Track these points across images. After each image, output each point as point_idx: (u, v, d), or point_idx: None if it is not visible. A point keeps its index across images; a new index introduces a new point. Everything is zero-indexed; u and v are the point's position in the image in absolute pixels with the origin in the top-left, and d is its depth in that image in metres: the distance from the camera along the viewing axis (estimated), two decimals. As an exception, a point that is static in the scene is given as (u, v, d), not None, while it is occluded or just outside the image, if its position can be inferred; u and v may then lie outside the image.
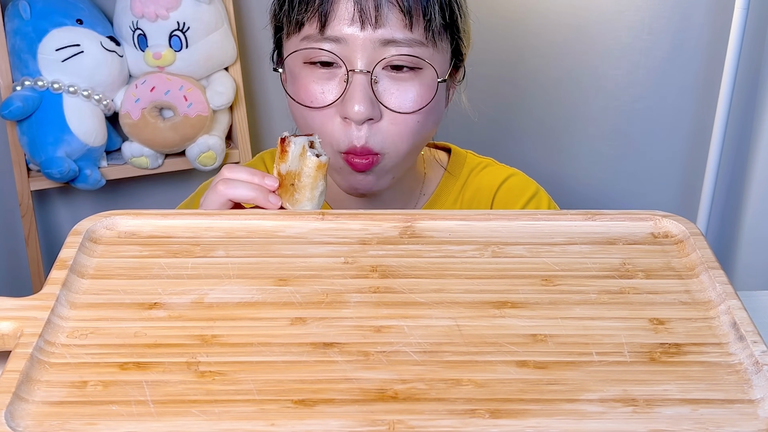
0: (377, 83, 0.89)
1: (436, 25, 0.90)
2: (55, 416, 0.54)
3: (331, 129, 0.91)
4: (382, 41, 0.88)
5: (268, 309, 0.64)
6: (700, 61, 1.75)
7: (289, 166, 0.80)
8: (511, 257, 0.71)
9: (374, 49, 0.89)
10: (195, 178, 1.90)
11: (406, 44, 0.89)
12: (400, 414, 0.55)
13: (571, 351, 0.60)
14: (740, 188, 1.78)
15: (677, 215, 0.75)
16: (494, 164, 1.08)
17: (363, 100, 0.88)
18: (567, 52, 1.81)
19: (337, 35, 0.89)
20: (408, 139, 0.91)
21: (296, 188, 0.79)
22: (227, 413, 0.54)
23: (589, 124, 1.86)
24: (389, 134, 0.90)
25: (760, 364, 0.58)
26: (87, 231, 0.72)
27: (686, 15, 1.72)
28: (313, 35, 0.90)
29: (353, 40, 0.88)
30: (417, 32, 0.89)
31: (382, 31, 0.88)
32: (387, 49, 0.89)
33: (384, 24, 0.88)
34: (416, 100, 0.90)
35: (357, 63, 0.89)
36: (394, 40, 0.88)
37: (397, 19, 0.88)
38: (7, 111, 1.60)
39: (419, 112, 0.91)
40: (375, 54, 0.89)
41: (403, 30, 0.88)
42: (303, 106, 0.91)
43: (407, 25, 0.88)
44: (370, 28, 0.88)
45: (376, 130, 0.90)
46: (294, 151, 0.80)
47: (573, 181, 1.91)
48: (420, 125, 0.91)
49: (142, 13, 1.65)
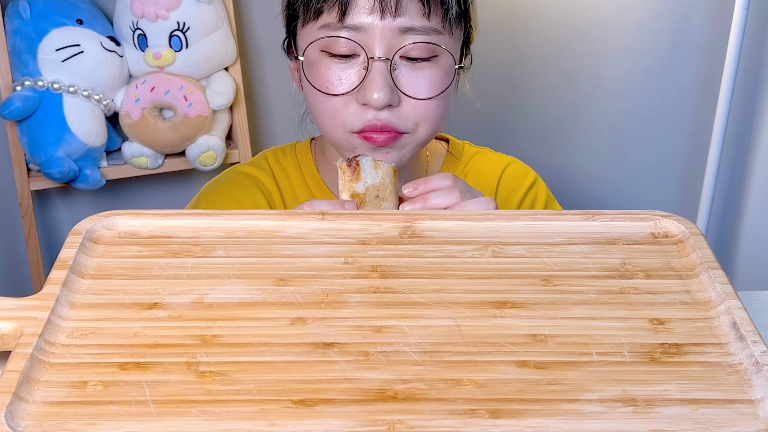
0: (395, 70, 0.91)
1: (453, 13, 0.91)
2: (55, 416, 0.54)
3: (345, 114, 0.92)
4: (401, 29, 0.90)
5: (268, 309, 0.64)
6: (700, 61, 1.75)
7: (366, 182, 0.86)
8: (511, 257, 0.71)
9: (393, 37, 0.90)
10: (195, 178, 1.90)
11: (424, 32, 0.90)
12: (400, 414, 0.55)
13: (571, 351, 0.60)
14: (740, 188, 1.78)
15: (677, 215, 0.75)
16: (490, 152, 1.11)
17: (383, 86, 0.90)
18: (567, 52, 1.81)
19: (357, 24, 0.90)
20: (429, 122, 0.93)
21: (383, 198, 0.86)
22: (227, 413, 0.54)
23: (589, 124, 1.86)
24: (410, 117, 0.92)
25: (760, 364, 0.58)
26: (87, 231, 0.72)
27: (686, 15, 1.72)
28: (332, 24, 0.91)
29: (372, 29, 0.90)
30: (434, 21, 0.91)
31: (401, 20, 0.90)
32: (405, 37, 0.90)
33: (403, 13, 0.89)
34: (434, 86, 0.92)
35: (376, 51, 0.90)
36: (412, 28, 0.90)
37: (416, 8, 0.90)
38: (7, 111, 1.60)
39: (437, 97, 0.92)
40: (394, 42, 0.90)
41: (421, 18, 0.90)
42: (321, 93, 0.92)
43: (425, 13, 0.90)
44: (390, 16, 0.89)
45: (397, 113, 0.92)
46: (366, 167, 0.86)
47: (573, 180, 1.91)
48: (439, 109, 0.94)
49: (142, 13, 1.66)
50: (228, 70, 1.77)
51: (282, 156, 1.08)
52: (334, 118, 0.93)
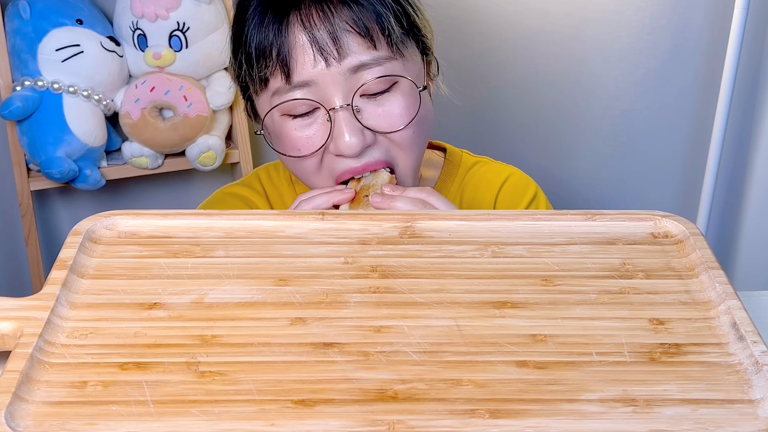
0: (360, 112, 0.88)
1: (397, 35, 0.88)
2: (55, 416, 0.54)
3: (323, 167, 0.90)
4: (351, 69, 0.87)
5: (268, 309, 0.64)
6: (700, 61, 1.75)
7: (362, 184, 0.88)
8: (511, 257, 0.71)
9: (346, 79, 0.87)
10: (195, 178, 1.90)
11: (376, 63, 0.87)
12: (400, 414, 0.55)
13: (571, 351, 0.60)
14: (740, 188, 1.78)
15: (677, 215, 0.75)
16: (490, 162, 1.07)
17: (353, 134, 0.87)
18: (567, 52, 1.81)
19: (306, 79, 0.87)
20: (411, 149, 0.91)
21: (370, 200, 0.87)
22: (227, 413, 0.54)
23: (589, 124, 1.86)
24: (389, 149, 0.90)
25: (760, 364, 0.58)
26: (87, 231, 0.72)
27: (686, 15, 1.72)
28: (282, 87, 0.88)
29: (323, 79, 0.87)
30: (382, 49, 0.87)
31: (348, 60, 0.86)
32: (360, 75, 0.87)
33: (347, 53, 0.86)
34: (403, 114, 0.89)
35: (335, 100, 0.87)
36: (363, 64, 0.87)
37: (358, 43, 0.87)
38: (7, 111, 1.60)
39: (411, 124, 0.90)
40: (349, 84, 0.87)
41: (367, 51, 0.87)
42: (293, 157, 0.90)
43: (370, 46, 0.87)
44: (335, 61, 0.86)
45: (376, 148, 0.89)
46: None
47: (573, 181, 1.91)
48: (416, 134, 0.91)
49: (142, 13, 1.65)
50: (228, 70, 1.77)
51: (275, 174, 1.06)
52: (314, 174, 0.91)
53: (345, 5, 0.87)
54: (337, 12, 0.86)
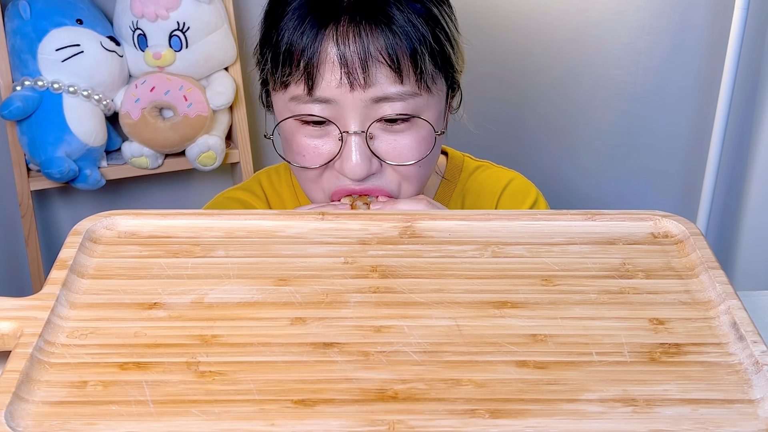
0: (373, 139, 0.86)
1: (429, 74, 0.86)
2: (55, 416, 0.54)
3: (323, 180, 0.89)
4: (373, 99, 0.85)
5: (268, 309, 0.64)
6: (700, 61, 1.75)
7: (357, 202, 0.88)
8: (511, 257, 0.71)
9: (366, 107, 0.85)
10: (195, 178, 1.90)
11: (399, 98, 0.85)
12: (400, 414, 0.55)
13: (571, 351, 0.60)
14: (740, 188, 1.79)
15: (677, 215, 0.75)
16: (492, 167, 1.06)
17: (361, 159, 0.86)
18: (567, 52, 1.81)
19: (327, 97, 0.85)
20: (414, 180, 0.90)
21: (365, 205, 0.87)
22: (227, 413, 0.54)
23: (590, 124, 1.86)
24: (393, 179, 0.89)
25: (760, 364, 0.58)
26: (87, 231, 0.72)
27: (686, 15, 1.72)
28: (302, 96, 0.86)
29: (344, 101, 0.85)
30: (409, 84, 0.85)
31: (372, 90, 0.84)
32: (380, 106, 0.85)
33: (373, 83, 0.84)
34: (415, 150, 0.87)
35: (350, 124, 0.85)
36: (386, 97, 0.85)
37: (386, 76, 0.84)
38: (7, 111, 1.60)
39: (421, 161, 0.88)
40: (367, 112, 0.85)
41: (394, 85, 0.85)
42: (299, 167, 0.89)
43: (398, 80, 0.85)
44: (360, 88, 0.84)
45: (379, 176, 0.88)
46: None
47: (573, 181, 1.91)
48: (423, 167, 0.90)
49: (142, 13, 1.65)
50: (228, 70, 1.77)
51: (276, 178, 1.05)
52: (311, 182, 0.90)
53: (382, 33, 0.84)
54: (372, 38, 0.84)
